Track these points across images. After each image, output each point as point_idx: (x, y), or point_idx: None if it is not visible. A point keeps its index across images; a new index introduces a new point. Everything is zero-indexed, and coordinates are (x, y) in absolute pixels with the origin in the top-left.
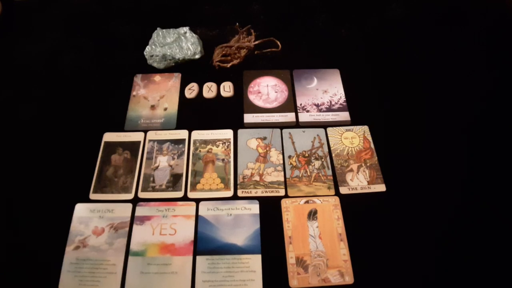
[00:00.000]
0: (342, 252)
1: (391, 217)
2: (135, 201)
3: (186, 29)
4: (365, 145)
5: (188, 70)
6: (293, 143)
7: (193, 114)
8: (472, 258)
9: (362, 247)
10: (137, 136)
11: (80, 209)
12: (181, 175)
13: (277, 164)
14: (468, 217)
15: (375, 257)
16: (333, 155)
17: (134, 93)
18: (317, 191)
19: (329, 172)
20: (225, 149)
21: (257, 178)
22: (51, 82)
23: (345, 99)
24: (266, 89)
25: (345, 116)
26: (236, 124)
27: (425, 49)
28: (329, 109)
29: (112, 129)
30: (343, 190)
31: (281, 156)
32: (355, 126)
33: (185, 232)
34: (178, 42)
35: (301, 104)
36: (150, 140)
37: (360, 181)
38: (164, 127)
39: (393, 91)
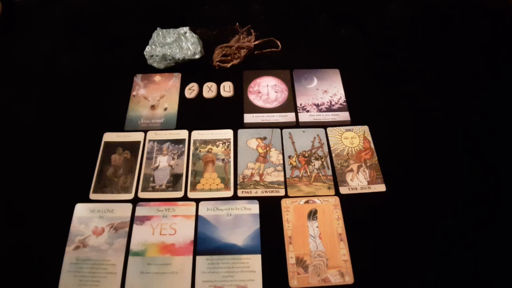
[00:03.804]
0: (342, 252)
1: (391, 217)
2: (135, 201)
3: (186, 29)
4: (365, 145)
5: (188, 70)
6: (293, 143)
7: (193, 114)
8: (472, 258)
9: (362, 247)
10: (137, 136)
11: (80, 209)
12: (181, 175)
13: (277, 164)
14: (468, 217)
15: (375, 257)
16: (333, 155)
17: (134, 93)
18: (317, 191)
19: (329, 172)
20: (225, 149)
21: (257, 178)
22: (51, 82)
23: (345, 99)
24: (266, 89)
25: (345, 116)
26: (236, 124)
27: (425, 49)
28: (329, 109)
29: (112, 129)
30: (343, 190)
31: (281, 156)
32: (355, 126)
33: (185, 232)
34: (178, 42)
35: (301, 104)
36: (150, 140)
37: (360, 181)
38: (164, 127)
39: (393, 91)
